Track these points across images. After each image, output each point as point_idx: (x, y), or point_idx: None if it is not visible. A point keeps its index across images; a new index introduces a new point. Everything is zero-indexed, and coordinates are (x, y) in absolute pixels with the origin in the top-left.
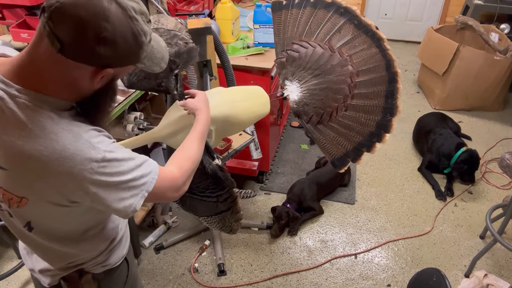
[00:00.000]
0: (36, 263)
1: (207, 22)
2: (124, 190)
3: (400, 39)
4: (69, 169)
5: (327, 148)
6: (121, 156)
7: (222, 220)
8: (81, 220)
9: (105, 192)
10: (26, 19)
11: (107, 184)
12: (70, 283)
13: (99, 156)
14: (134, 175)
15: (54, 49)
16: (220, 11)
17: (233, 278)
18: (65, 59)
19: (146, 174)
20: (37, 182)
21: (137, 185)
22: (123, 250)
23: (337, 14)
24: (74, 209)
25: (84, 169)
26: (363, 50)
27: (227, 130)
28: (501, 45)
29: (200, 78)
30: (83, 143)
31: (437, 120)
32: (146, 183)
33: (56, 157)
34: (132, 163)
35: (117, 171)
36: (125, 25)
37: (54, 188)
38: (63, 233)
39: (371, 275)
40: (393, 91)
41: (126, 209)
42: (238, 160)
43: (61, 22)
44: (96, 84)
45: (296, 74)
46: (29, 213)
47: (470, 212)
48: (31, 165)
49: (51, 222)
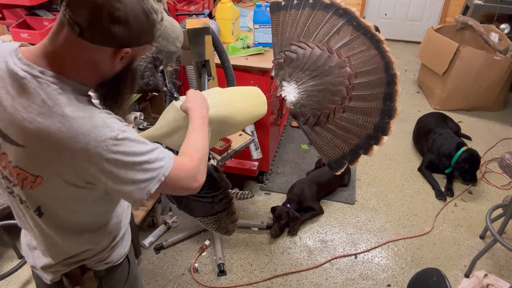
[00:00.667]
0: (38, 259)
1: (206, 22)
2: (139, 172)
3: (400, 39)
4: (85, 146)
5: (324, 150)
6: (134, 137)
7: (217, 221)
8: (90, 211)
9: (120, 171)
10: (26, 19)
11: (122, 163)
12: (71, 280)
13: (113, 134)
14: (148, 157)
15: (74, 34)
16: (220, 11)
17: (233, 278)
18: (85, 43)
19: (161, 158)
20: (53, 159)
21: (152, 168)
22: (125, 248)
23: (336, 15)
24: (87, 195)
25: (99, 146)
26: (362, 51)
27: (224, 131)
28: (501, 45)
29: (198, 78)
30: (98, 121)
31: (437, 120)
32: (162, 167)
33: (73, 133)
34: (145, 146)
35: (131, 151)
36: (136, 4)
37: (70, 165)
38: (71, 224)
39: (371, 275)
40: (391, 93)
41: (140, 192)
42: (238, 160)
43: (78, 7)
44: (117, 65)
45: (294, 75)
46: (42, 195)
47: (470, 212)
48: (49, 142)
49: (61, 208)
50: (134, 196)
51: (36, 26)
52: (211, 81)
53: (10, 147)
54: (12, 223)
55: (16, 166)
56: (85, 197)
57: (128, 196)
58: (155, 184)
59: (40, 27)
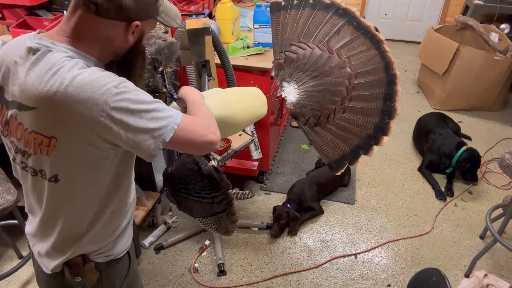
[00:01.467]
0: (43, 244)
1: (206, 23)
2: (149, 121)
3: (400, 39)
4: (90, 95)
5: (324, 150)
6: (137, 88)
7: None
8: (106, 180)
9: (129, 119)
10: (26, 19)
11: (129, 110)
12: (73, 269)
13: (115, 82)
14: (155, 106)
15: (91, 12)
16: (220, 11)
17: (233, 278)
18: (100, 21)
19: (169, 109)
20: (64, 116)
21: (162, 117)
22: (127, 243)
23: (336, 15)
24: (104, 158)
25: (104, 93)
26: (362, 52)
27: (224, 131)
28: (501, 45)
29: (198, 79)
30: (100, 73)
31: (437, 120)
32: (172, 116)
33: (78, 85)
34: (149, 97)
35: (136, 98)
36: None
37: (81, 119)
38: (83, 195)
39: (371, 275)
40: (391, 93)
41: (155, 141)
42: (238, 160)
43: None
44: (129, 40)
45: (294, 76)
46: (59, 161)
47: (470, 212)
48: (57, 98)
49: (78, 176)
50: (150, 146)
51: (36, 26)
52: (211, 81)
53: (25, 113)
54: (12, 223)
55: (32, 131)
56: (102, 161)
57: (144, 148)
58: (169, 132)
59: (40, 27)
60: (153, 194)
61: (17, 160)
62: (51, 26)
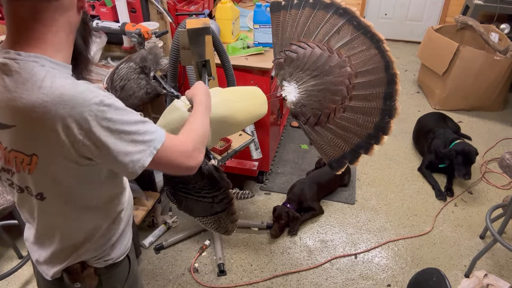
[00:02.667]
0: (40, 252)
1: (206, 22)
2: (130, 144)
3: (400, 39)
4: (70, 111)
5: (324, 150)
6: (121, 106)
7: (217, 221)
8: (95, 193)
9: (109, 139)
10: None
11: (110, 131)
12: (72, 275)
13: (98, 99)
14: (138, 127)
15: (46, 3)
16: (220, 11)
17: (233, 278)
18: (53, 5)
19: (152, 131)
20: (43, 133)
21: (143, 140)
22: (126, 247)
23: (336, 15)
24: (86, 173)
25: (84, 110)
26: (362, 51)
27: (224, 131)
28: (501, 45)
29: (198, 78)
30: (81, 87)
31: (437, 120)
32: (153, 140)
33: (57, 100)
34: (134, 116)
35: (118, 118)
36: None
37: (60, 136)
38: (73, 205)
39: (371, 275)
40: (391, 92)
41: (134, 164)
42: (238, 160)
43: None
44: (81, 5)
45: (294, 75)
46: (42, 179)
47: (470, 212)
48: (36, 114)
49: (63, 191)
50: (129, 169)
51: None
52: (211, 81)
53: (3, 132)
54: (12, 223)
55: (11, 150)
56: (87, 176)
57: (123, 169)
58: (148, 157)
59: None
60: (153, 194)
61: (2, 177)
62: None
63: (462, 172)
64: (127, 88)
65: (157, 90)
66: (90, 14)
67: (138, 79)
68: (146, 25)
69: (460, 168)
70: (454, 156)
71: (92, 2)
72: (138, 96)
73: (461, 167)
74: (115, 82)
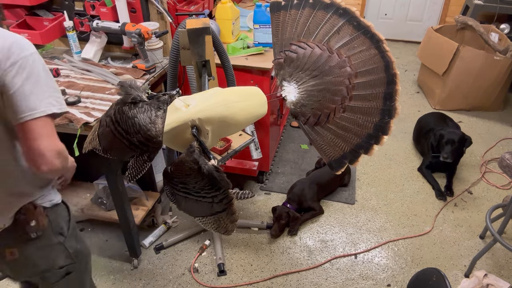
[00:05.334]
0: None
1: (205, 22)
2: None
3: (400, 39)
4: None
5: (324, 150)
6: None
7: (217, 221)
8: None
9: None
10: (26, 19)
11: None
12: (26, 215)
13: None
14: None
15: None
16: (220, 11)
17: (233, 278)
18: None
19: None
20: None
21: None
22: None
23: (336, 15)
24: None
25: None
26: (362, 51)
27: (223, 131)
28: (501, 45)
29: (198, 78)
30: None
31: (437, 120)
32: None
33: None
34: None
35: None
36: None
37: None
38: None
39: (371, 275)
40: (391, 93)
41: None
42: (238, 160)
43: None
44: None
45: (294, 75)
46: None
47: (470, 212)
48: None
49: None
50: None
51: (36, 26)
52: (211, 81)
53: None
54: None
55: None
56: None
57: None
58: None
59: (40, 27)
60: (153, 194)
61: None
62: (51, 26)
63: (445, 151)
64: (141, 123)
65: (160, 101)
66: (90, 14)
67: (142, 104)
68: (146, 25)
69: (444, 149)
70: (440, 138)
71: (92, 2)
72: (155, 120)
73: (445, 148)
74: (129, 128)
